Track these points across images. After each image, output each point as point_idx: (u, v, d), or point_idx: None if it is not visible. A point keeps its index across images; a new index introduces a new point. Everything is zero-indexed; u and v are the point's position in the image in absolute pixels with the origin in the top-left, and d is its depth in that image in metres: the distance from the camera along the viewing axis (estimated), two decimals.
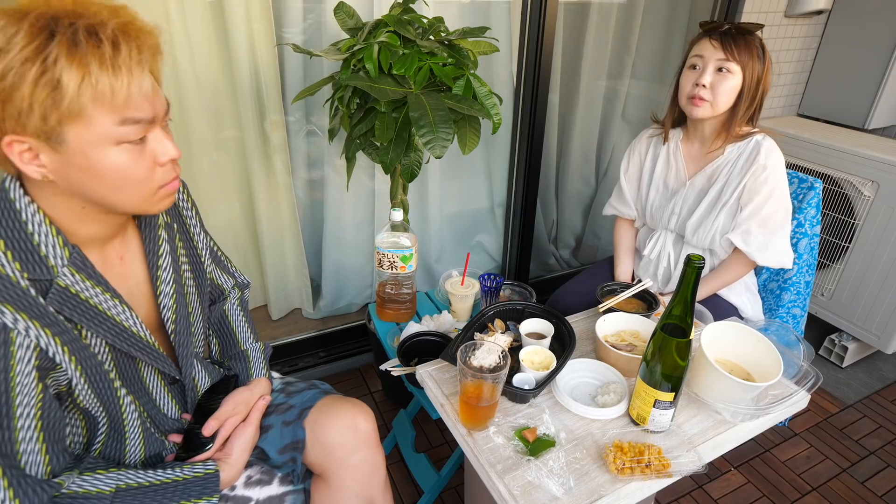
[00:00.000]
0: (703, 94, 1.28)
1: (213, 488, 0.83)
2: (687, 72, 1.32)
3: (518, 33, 1.90)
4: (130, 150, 0.70)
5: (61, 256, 0.72)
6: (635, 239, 1.64)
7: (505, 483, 0.86)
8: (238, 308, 1.12)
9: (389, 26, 1.35)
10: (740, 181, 1.32)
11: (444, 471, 1.44)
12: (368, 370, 2.08)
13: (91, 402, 0.77)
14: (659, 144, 1.49)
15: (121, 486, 0.76)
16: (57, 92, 0.62)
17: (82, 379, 0.74)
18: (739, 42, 1.25)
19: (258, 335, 1.12)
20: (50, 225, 0.71)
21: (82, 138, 0.66)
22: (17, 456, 0.67)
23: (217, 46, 1.59)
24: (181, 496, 0.79)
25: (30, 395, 0.68)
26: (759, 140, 1.32)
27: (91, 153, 0.67)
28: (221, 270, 1.11)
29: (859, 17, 2.32)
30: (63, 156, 0.66)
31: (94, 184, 0.70)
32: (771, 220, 1.32)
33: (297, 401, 1.00)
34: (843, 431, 1.89)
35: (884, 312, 2.03)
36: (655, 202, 1.49)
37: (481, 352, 0.96)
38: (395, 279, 1.47)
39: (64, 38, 0.61)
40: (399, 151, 1.39)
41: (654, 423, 0.94)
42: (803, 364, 1.09)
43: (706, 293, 1.46)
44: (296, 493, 0.98)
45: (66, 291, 0.72)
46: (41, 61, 0.60)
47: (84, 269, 0.74)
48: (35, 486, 0.68)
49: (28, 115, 0.62)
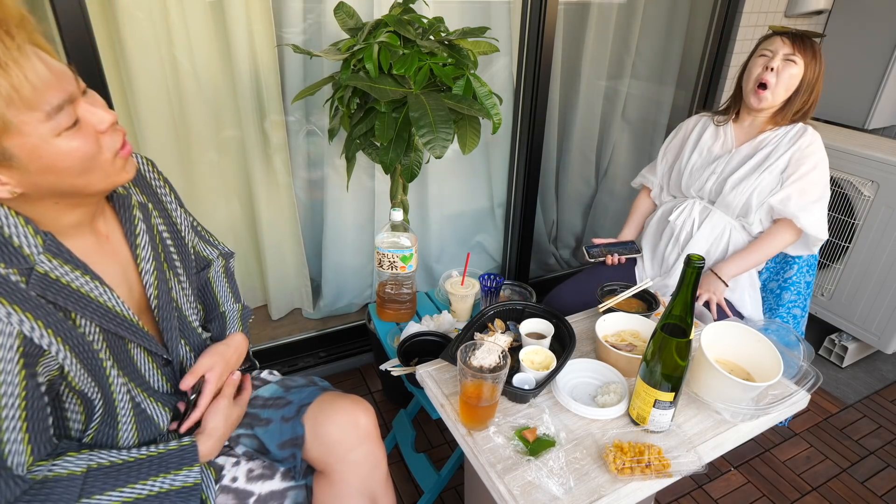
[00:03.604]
0: (769, 78, 1.40)
1: (191, 458, 0.82)
2: (757, 59, 1.44)
3: (518, 33, 1.90)
4: (73, 134, 0.68)
5: (35, 245, 0.71)
6: (648, 214, 1.73)
7: (505, 483, 0.86)
8: (221, 274, 1.13)
9: (389, 26, 1.35)
10: (786, 150, 1.42)
11: (444, 471, 1.44)
12: (368, 370, 2.08)
13: (87, 384, 0.76)
14: (709, 121, 1.60)
15: (92, 466, 0.75)
16: None
17: (75, 361, 0.73)
18: (805, 41, 1.40)
19: (240, 298, 1.12)
20: (17, 216, 0.70)
21: (26, 146, 0.64)
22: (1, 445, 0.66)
23: (217, 46, 1.59)
24: (158, 469, 0.79)
25: (13, 384, 0.66)
26: (805, 125, 1.46)
27: (42, 154, 0.66)
28: (205, 243, 1.11)
29: (859, 18, 2.32)
30: (19, 168, 0.65)
31: (58, 178, 0.69)
32: (811, 190, 1.39)
33: (296, 397, 1.00)
34: (843, 431, 1.89)
35: (884, 312, 2.03)
36: (696, 164, 1.56)
37: (481, 352, 0.96)
38: (395, 279, 1.47)
39: None
40: (399, 151, 1.39)
41: (654, 423, 0.94)
42: (803, 364, 1.09)
43: (750, 266, 1.47)
44: (297, 489, 0.98)
45: (46, 277, 0.71)
46: None
47: (60, 255, 0.74)
48: (11, 479, 0.67)
49: None
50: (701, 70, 2.43)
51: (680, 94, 2.53)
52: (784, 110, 1.44)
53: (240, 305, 1.10)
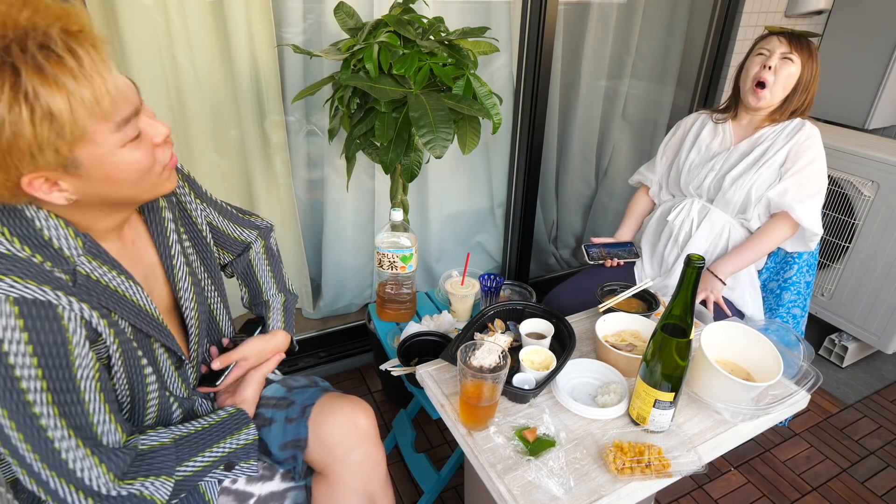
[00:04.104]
0: (767, 76, 1.41)
1: (245, 420, 0.91)
2: (754, 58, 1.46)
3: (518, 33, 1.90)
4: (135, 146, 0.71)
5: (75, 247, 0.73)
6: (646, 212, 1.74)
7: (505, 483, 0.86)
8: (262, 256, 1.15)
9: (389, 26, 1.35)
10: (784, 145, 1.43)
11: (444, 471, 1.44)
12: (368, 370, 2.08)
13: (120, 382, 0.78)
14: (708, 119, 1.61)
15: (175, 437, 0.82)
16: (55, 123, 0.61)
17: (118, 353, 0.76)
18: (802, 41, 1.42)
19: (284, 283, 1.16)
20: (57, 218, 0.72)
21: (95, 156, 0.66)
22: (93, 427, 0.71)
23: (217, 47, 1.59)
24: (223, 433, 0.87)
25: (89, 367, 0.70)
26: (803, 120, 1.47)
27: (107, 164, 0.68)
28: (238, 225, 1.10)
29: (859, 18, 2.32)
30: (82, 176, 0.67)
31: (115, 188, 0.71)
32: (808, 184, 1.40)
33: (299, 398, 1.00)
34: (843, 431, 1.89)
35: (884, 312, 2.03)
36: (695, 161, 1.56)
37: (481, 352, 0.96)
38: (395, 279, 1.47)
39: (27, 66, 0.59)
40: (399, 151, 1.39)
41: (654, 423, 0.94)
42: (803, 364, 1.09)
43: (747, 262, 1.48)
44: (297, 490, 0.98)
45: (88, 278, 0.74)
46: (24, 100, 0.59)
47: (99, 256, 0.76)
48: (115, 453, 0.73)
49: (41, 154, 0.62)
50: (701, 70, 2.43)
51: (680, 94, 2.53)
52: (782, 109, 1.45)
53: (283, 297, 1.13)
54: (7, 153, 0.61)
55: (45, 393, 0.66)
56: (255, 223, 1.15)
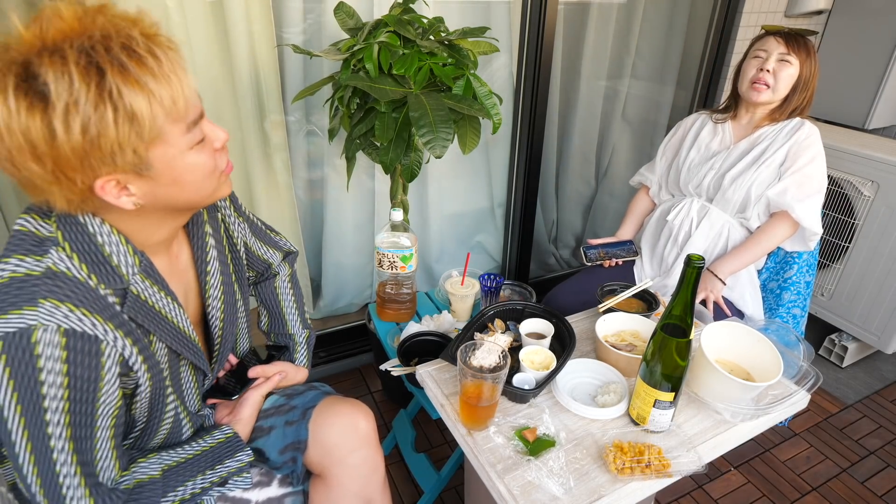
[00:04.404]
0: (767, 79, 1.41)
1: (239, 446, 0.90)
2: (751, 60, 1.46)
3: (518, 33, 1.90)
4: (200, 149, 0.71)
5: (132, 265, 0.73)
6: (647, 212, 1.73)
7: (505, 483, 0.86)
8: (288, 286, 1.16)
9: (389, 26, 1.35)
10: (783, 144, 1.43)
11: (444, 471, 1.44)
12: (368, 370, 2.08)
13: (141, 407, 0.79)
14: (708, 119, 1.61)
15: (165, 468, 0.81)
16: (136, 123, 0.61)
17: (148, 384, 0.76)
18: (799, 40, 1.41)
19: (304, 315, 1.17)
20: (119, 234, 0.72)
21: (166, 157, 0.67)
22: (94, 462, 0.70)
23: (217, 46, 1.58)
24: (214, 461, 0.86)
25: (111, 404, 0.70)
26: (802, 120, 1.46)
27: (176, 166, 0.68)
28: (267, 245, 1.11)
29: (859, 18, 2.32)
30: (151, 179, 0.68)
31: (179, 191, 0.72)
32: (808, 183, 1.40)
33: (300, 402, 1.00)
34: (843, 431, 1.89)
35: (884, 312, 2.03)
36: (694, 160, 1.56)
37: (481, 352, 0.96)
38: (395, 279, 1.47)
39: (112, 66, 0.59)
40: (399, 151, 1.39)
41: (654, 423, 0.94)
42: (803, 364, 1.09)
43: (747, 262, 1.47)
44: (295, 495, 0.98)
45: (137, 299, 0.74)
46: (108, 99, 0.60)
47: (151, 275, 0.77)
48: (110, 496, 0.72)
49: (121, 154, 0.63)
50: (701, 70, 2.43)
51: (680, 94, 2.53)
52: (782, 108, 1.46)
53: (307, 333, 1.15)
54: (89, 153, 0.61)
55: (66, 427, 0.66)
56: (280, 244, 1.15)
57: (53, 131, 0.59)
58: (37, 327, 0.62)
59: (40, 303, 0.64)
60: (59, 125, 0.59)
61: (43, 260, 0.67)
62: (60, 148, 0.60)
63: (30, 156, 0.60)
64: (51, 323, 0.63)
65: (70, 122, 0.59)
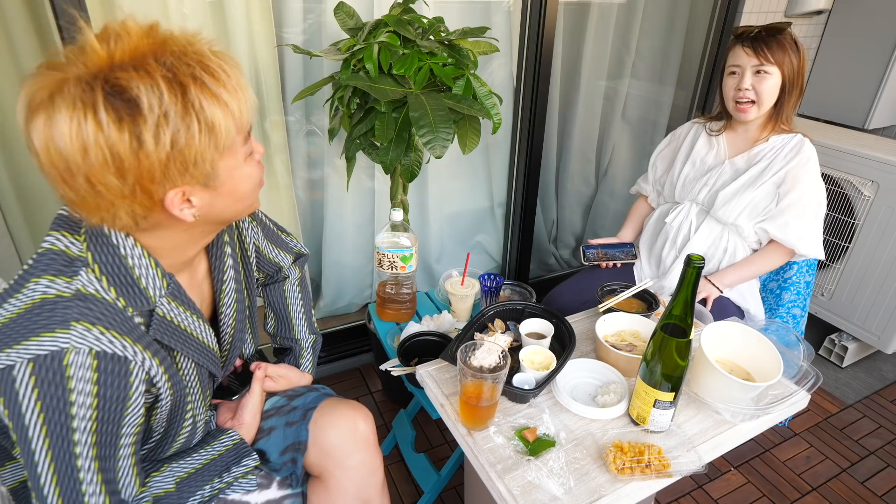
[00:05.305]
0: (749, 96, 1.36)
1: (245, 451, 0.90)
2: (727, 79, 1.40)
3: (518, 33, 1.90)
4: (251, 161, 0.73)
5: (160, 287, 0.74)
6: (646, 217, 1.71)
7: (505, 483, 0.86)
8: (297, 291, 1.16)
9: (389, 26, 1.35)
10: (783, 166, 1.38)
11: (444, 471, 1.44)
12: (368, 370, 2.08)
13: (160, 419, 0.79)
14: (702, 129, 1.56)
15: (179, 478, 0.82)
16: (214, 134, 0.63)
17: (168, 400, 0.77)
18: (772, 44, 1.31)
19: (312, 321, 1.18)
20: (149, 257, 0.72)
21: (229, 168, 0.68)
22: (117, 479, 0.71)
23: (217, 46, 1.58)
24: (223, 468, 0.87)
25: (134, 423, 0.71)
26: (802, 137, 1.41)
27: (235, 176, 0.70)
28: (278, 248, 1.10)
29: (859, 17, 2.32)
30: (214, 189, 0.68)
31: (232, 203, 0.73)
32: (809, 209, 1.37)
33: (300, 402, 1.00)
34: (843, 431, 1.89)
35: (884, 312, 2.03)
36: (689, 175, 1.53)
37: (481, 352, 0.96)
38: (395, 279, 1.47)
39: (193, 80, 0.61)
40: (399, 151, 1.40)
41: (654, 423, 0.94)
42: (803, 364, 1.09)
43: (746, 277, 1.47)
44: (294, 497, 0.97)
45: (163, 321, 0.74)
46: (192, 111, 0.61)
47: (178, 297, 0.77)
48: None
49: (199, 165, 0.64)
50: (701, 70, 2.43)
51: (680, 94, 2.53)
52: (777, 115, 1.40)
53: (313, 338, 1.16)
54: (172, 165, 0.62)
55: (92, 447, 0.67)
56: (290, 246, 1.14)
57: (143, 143, 0.60)
58: (69, 350, 0.63)
59: (73, 326, 0.64)
60: (149, 137, 0.59)
61: (73, 282, 0.67)
62: (146, 160, 0.61)
63: (113, 171, 0.60)
64: (83, 346, 0.64)
65: (160, 134, 0.60)
